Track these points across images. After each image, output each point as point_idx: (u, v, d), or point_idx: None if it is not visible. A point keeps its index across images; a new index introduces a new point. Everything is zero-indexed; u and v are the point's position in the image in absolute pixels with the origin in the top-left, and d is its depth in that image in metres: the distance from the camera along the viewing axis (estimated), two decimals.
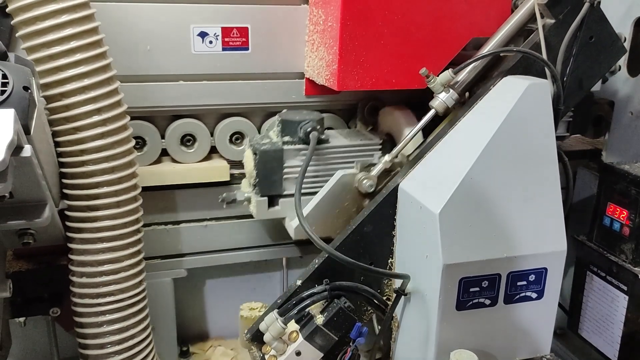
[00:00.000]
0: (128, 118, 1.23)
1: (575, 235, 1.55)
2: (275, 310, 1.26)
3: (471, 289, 1.16)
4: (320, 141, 1.39)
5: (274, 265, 1.83)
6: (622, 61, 1.69)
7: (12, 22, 1.11)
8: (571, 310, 1.61)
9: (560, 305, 1.58)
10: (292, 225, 1.38)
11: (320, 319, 1.24)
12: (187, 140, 1.53)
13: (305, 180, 1.39)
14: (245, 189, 1.46)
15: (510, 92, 1.18)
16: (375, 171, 1.33)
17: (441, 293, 1.14)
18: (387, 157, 1.32)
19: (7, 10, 1.10)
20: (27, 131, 0.94)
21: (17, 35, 1.11)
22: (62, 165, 1.18)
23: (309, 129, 1.34)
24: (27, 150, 0.92)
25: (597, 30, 1.30)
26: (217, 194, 1.52)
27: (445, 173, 1.18)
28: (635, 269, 1.37)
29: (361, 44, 1.30)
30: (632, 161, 1.49)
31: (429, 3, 1.32)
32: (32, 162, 0.95)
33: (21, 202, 1.05)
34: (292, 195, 1.39)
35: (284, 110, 1.47)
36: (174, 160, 1.55)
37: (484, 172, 1.14)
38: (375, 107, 1.60)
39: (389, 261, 1.33)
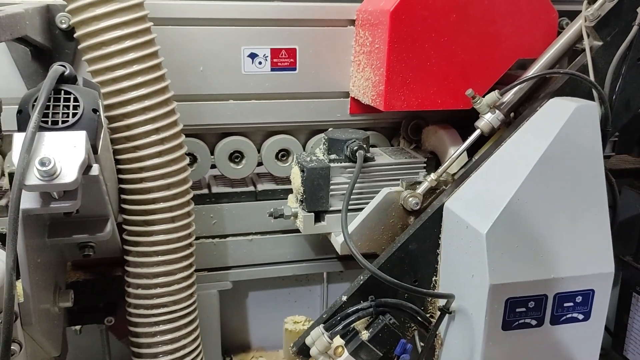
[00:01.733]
0: (183, 137, 1.28)
1: (621, 256, 1.54)
2: (321, 325, 1.29)
3: (517, 309, 1.17)
4: (366, 159, 1.42)
5: (314, 279, 1.86)
6: None
7: (79, 47, 1.18)
8: (616, 331, 1.59)
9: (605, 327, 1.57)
10: (338, 241, 1.41)
11: (365, 335, 1.27)
12: (236, 157, 1.58)
13: (351, 197, 1.43)
14: (292, 204, 1.49)
15: (558, 113, 1.19)
16: (421, 189, 1.35)
17: (487, 313, 1.15)
18: (433, 176, 1.34)
19: (74, 35, 1.17)
20: (95, 151, 1.00)
21: (83, 59, 1.18)
22: (121, 181, 1.24)
23: (355, 148, 1.38)
24: (95, 169, 0.98)
25: None
26: (263, 209, 1.57)
27: (492, 193, 1.20)
28: None
29: (408, 65, 1.33)
30: None
31: (476, 25, 1.34)
32: (99, 180, 1.01)
33: (85, 217, 1.11)
34: (338, 211, 1.43)
35: (330, 129, 1.51)
36: (222, 176, 1.61)
37: (531, 194, 1.15)
38: (418, 125, 1.63)
39: (433, 279, 1.35)
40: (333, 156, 1.42)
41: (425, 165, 1.48)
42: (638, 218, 1.59)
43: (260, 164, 1.62)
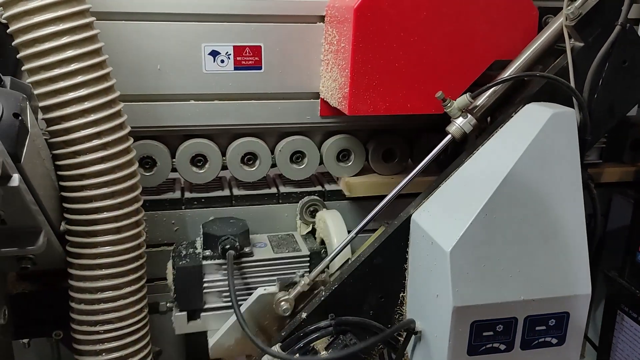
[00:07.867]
0: (131, 140, 1.20)
1: (606, 271, 1.44)
2: (278, 345, 1.21)
3: (484, 333, 1.07)
4: (241, 255, 1.34)
5: None
6: None
7: (13, 44, 1.09)
8: (600, 349, 1.50)
9: (590, 341, 1.48)
10: (210, 342, 1.32)
11: (324, 356, 1.18)
12: (198, 160, 1.50)
13: (226, 294, 1.36)
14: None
15: (532, 121, 1.10)
16: (293, 294, 1.26)
17: (451, 336, 1.06)
18: (305, 280, 1.26)
19: (8, 31, 1.08)
20: (17, 159, 0.92)
21: (17, 56, 1.09)
22: (62, 188, 1.15)
23: (227, 247, 1.30)
24: (14, 180, 0.90)
25: (631, 54, 1.20)
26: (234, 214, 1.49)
27: (459, 207, 1.10)
28: None
29: (374, 66, 1.23)
30: None
31: (448, 23, 1.24)
32: (21, 191, 0.92)
33: (15, 228, 1.02)
34: (213, 309, 1.37)
35: (211, 218, 1.44)
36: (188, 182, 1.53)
37: (500, 208, 1.06)
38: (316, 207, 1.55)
39: (401, 295, 1.26)
40: (207, 252, 1.34)
41: (309, 260, 1.40)
42: (625, 229, 1.49)
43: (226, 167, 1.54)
